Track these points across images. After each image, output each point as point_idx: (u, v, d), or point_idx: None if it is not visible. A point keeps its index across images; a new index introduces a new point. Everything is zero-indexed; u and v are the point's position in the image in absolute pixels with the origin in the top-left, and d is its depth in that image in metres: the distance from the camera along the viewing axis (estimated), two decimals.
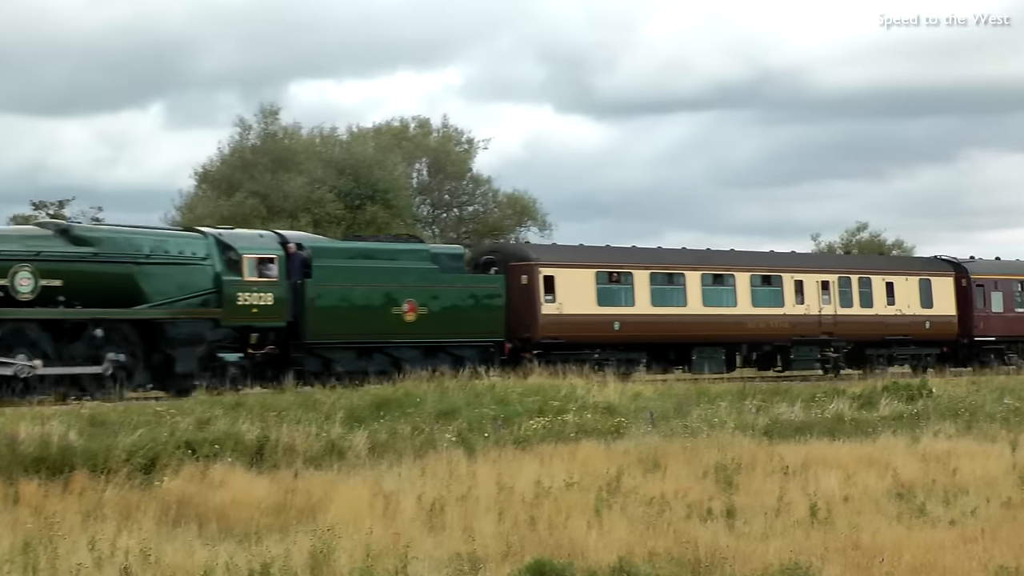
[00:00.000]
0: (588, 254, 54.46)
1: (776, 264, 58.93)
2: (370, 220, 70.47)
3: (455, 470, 27.20)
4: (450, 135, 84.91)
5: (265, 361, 42.80)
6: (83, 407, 32.38)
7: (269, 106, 74.76)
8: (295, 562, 17.83)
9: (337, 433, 30.73)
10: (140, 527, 20.51)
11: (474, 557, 18.37)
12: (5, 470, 24.91)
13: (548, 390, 38.94)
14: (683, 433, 33.74)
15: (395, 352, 45.13)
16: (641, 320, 52.21)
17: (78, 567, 16.92)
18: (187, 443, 28.10)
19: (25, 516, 21.13)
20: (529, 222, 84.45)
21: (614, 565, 17.04)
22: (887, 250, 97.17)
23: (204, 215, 68.82)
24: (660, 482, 26.13)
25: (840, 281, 58.97)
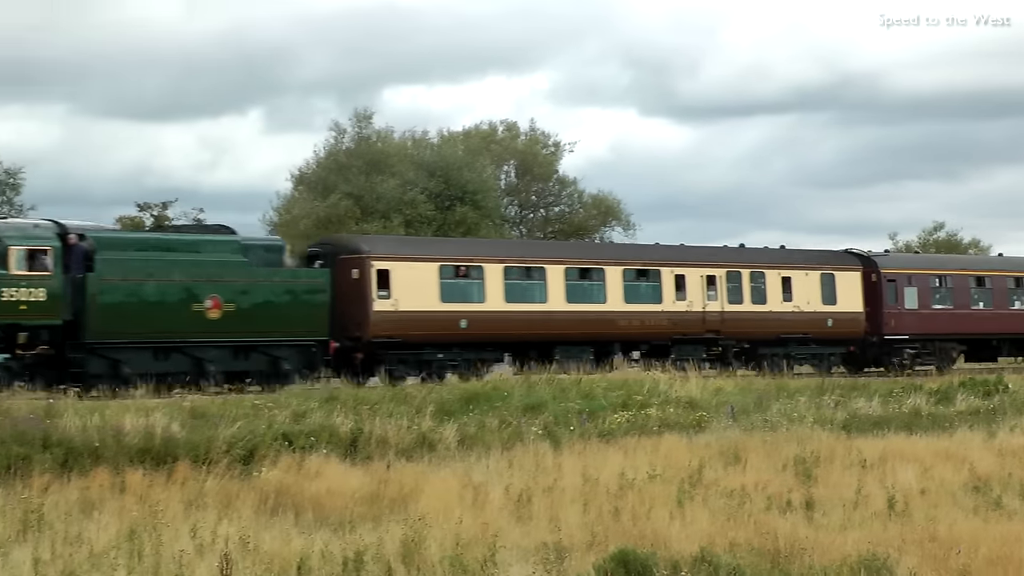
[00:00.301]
0: (431, 246, 51.40)
1: (654, 258, 53.38)
2: (460, 220, 70.65)
3: (541, 462, 27.22)
4: (537, 138, 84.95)
5: (38, 362, 38.24)
6: (184, 400, 32.67)
7: (363, 111, 75.20)
8: (387, 550, 17.91)
9: (428, 426, 30.83)
10: (239, 516, 20.68)
11: (560, 546, 18.36)
12: (112, 460, 25.22)
13: (632, 385, 38.90)
14: (763, 427, 33.58)
15: (197, 352, 40.58)
16: (492, 317, 47.52)
17: (180, 553, 17.07)
18: (284, 435, 28.32)
19: (131, 504, 21.36)
20: (613, 222, 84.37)
21: (696, 555, 16.99)
22: (963, 249, 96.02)
23: (300, 216, 69.31)
24: (740, 474, 26.03)
25: (729, 276, 53.83)
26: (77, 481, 23.50)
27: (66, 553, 17.39)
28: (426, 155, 75.42)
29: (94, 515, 20.62)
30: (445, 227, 69.37)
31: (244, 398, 34.31)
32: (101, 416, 28.32)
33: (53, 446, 25.69)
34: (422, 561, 17.40)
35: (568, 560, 17.52)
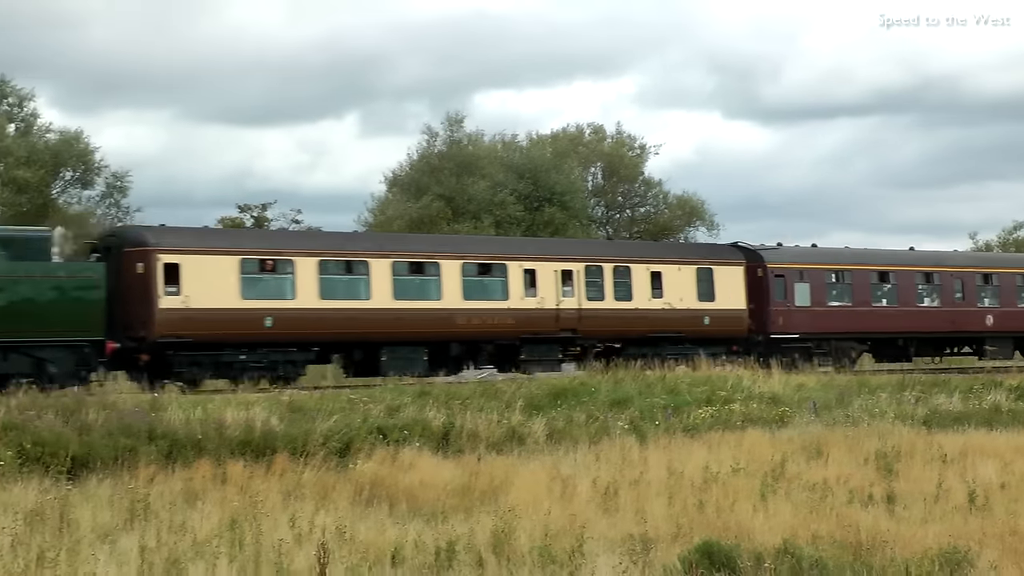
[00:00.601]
0: (230, 238, 46.52)
1: (498, 251, 48.60)
2: (548, 221, 70.67)
3: (628, 456, 27.17)
4: (623, 141, 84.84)
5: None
6: (283, 394, 32.90)
7: (454, 114, 75.51)
8: (478, 540, 17.94)
9: (517, 420, 30.88)
10: (336, 506, 20.80)
11: (646, 538, 18.32)
12: (214, 452, 25.46)
13: (716, 381, 38.77)
14: (845, 422, 33.36)
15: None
16: (304, 315, 42.77)
17: (279, 542, 17.18)
18: (379, 429, 28.47)
19: (232, 495, 21.54)
20: (697, 222, 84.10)
21: (779, 547, 16.89)
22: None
23: (394, 217, 69.60)
24: (823, 468, 25.85)
25: (588, 270, 48.74)
26: (181, 472, 23.74)
27: (171, 541, 17.56)
28: (515, 157, 75.53)
29: (197, 505, 20.82)
30: (534, 227, 69.45)
31: (340, 393, 34.50)
32: (204, 410, 28.61)
33: (158, 438, 25.98)
34: (512, 551, 17.41)
35: (654, 551, 17.46)
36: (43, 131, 67.36)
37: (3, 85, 66.62)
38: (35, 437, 24.83)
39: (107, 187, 68.03)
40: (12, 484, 22.08)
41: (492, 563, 16.92)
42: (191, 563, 16.21)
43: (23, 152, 63.42)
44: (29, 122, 67.21)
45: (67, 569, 15.35)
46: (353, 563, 16.51)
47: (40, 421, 25.98)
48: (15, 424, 25.46)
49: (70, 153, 66.33)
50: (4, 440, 24.58)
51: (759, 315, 52.00)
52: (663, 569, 16.11)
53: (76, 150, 66.58)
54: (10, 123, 66.34)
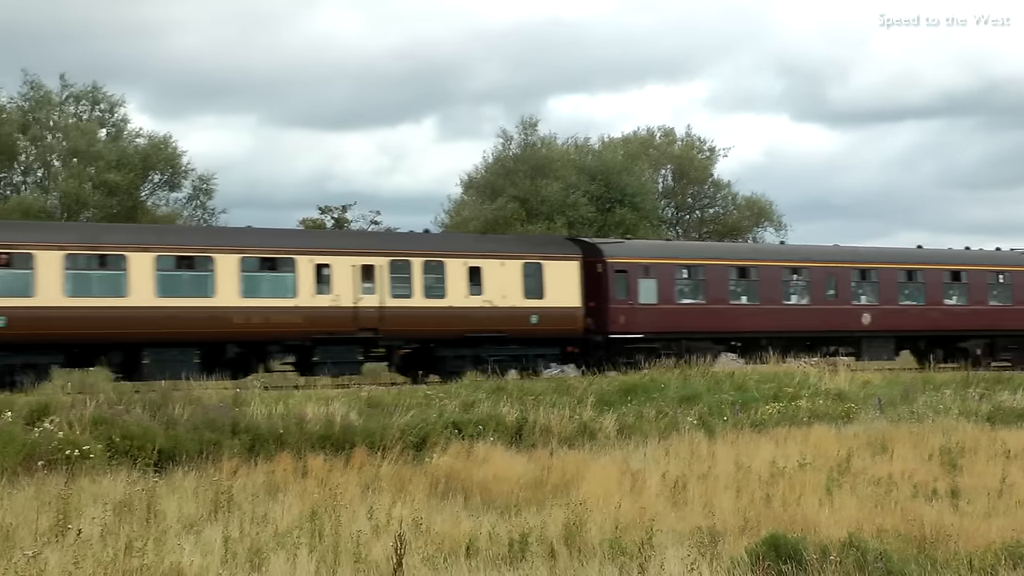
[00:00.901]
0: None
1: (285, 244, 43.31)
2: (619, 222, 70.59)
3: (696, 450, 27.07)
4: (693, 143, 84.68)
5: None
6: (361, 390, 33.02)
7: (529, 119, 75.72)
8: (550, 532, 17.91)
9: (588, 416, 30.83)
10: (412, 499, 20.83)
11: (714, 531, 18.23)
12: (295, 446, 25.59)
13: (783, 378, 38.56)
14: (909, 418, 33.11)
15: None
16: (45, 315, 37.77)
17: (358, 534, 17.23)
18: (454, 423, 28.52)
19: (312, 487, 21.63)
20: (765, 222, 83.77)
21: (844, 540, 16.75)
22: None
23: (470, 218, 69.80)
24: (887, 464, 25.64)
25: (392, 265, 43.73)
26: (263, 465, 23.87)
27: (253, 532, 17.66)
28: (587, 160, 75.55)
29: (278, 497, 20.92)
30: (605, 228, 69.39)
31: (417, 389, 34.59)
32: (285, 405, 28.77)
33: (241, 433, 26.16)
34: (583, 543, 17.38)
35: (722, 544, 17.38)
36: (133, 136, 68.12)
37: (95, 92, 67.41)
38: (124, 431, 25.07)
39: (193, 189, 68.76)
40: (102, 476, 22.30)
41: (564, 555, 16.89)
42: (272, 553, 16.29)
43: (114, 156, 64.14)
44: (120, 127, 68.06)
45: (154, 558, 15.46)
46: (429, 554, 16.54)
47: (128, 415, 26.22)
48: (105, 418, 25.70)
49: (158, 157, 67.05)
50: (94, 433, 24.83)
51: (599, 313, 47.05)
52: (731, 561, 16.02)
53: (164, 154, 67.29)
54: (101, 128, 67.09)
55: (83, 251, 39.41)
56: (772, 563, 15.62)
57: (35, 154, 66.15)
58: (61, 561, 14.86)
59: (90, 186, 63.00)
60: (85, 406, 26.39)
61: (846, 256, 54.09)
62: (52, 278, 38.27)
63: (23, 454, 23.16)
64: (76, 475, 21.86)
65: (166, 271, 40.20)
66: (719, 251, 53.51)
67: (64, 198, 63.27)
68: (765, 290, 50.83)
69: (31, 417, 25.76)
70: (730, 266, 50.41)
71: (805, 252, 53.87)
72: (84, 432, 24.81)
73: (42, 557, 14.67)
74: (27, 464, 22.70)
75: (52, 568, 14.49)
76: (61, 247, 38.83)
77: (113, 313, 38.96)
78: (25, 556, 14.56)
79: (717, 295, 49.64)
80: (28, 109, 65.49)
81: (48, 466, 22.34)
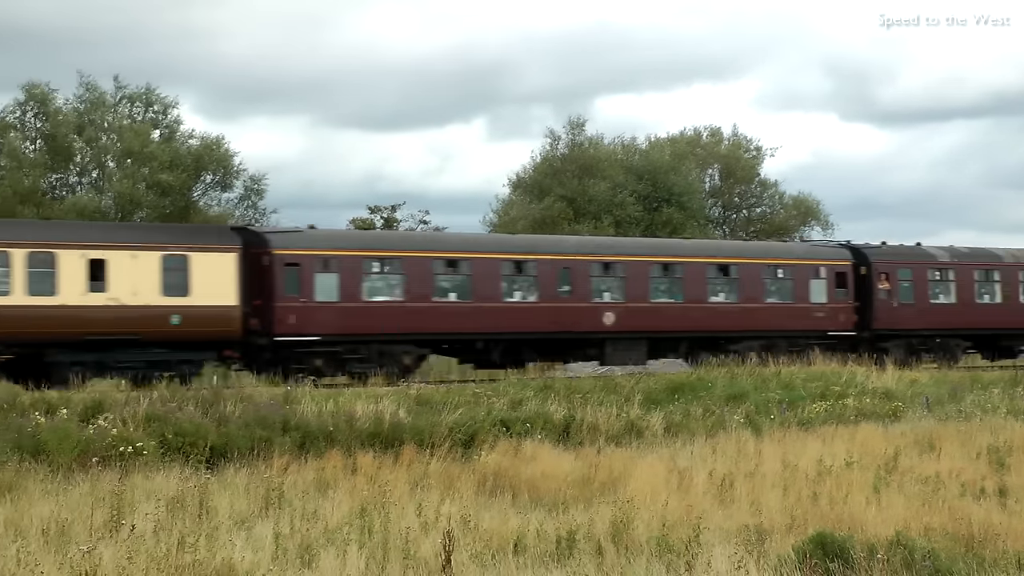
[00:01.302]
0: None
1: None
2: (666, 221, 70.46)
3: (743, 449, 26.98)
4: (739, 143, 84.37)
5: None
6: (410, 388, 33.06)
7: (576, 119, 75.72)
8: (598, 530, 17.90)
9: (636, 414, 30.79)
10: (460, 496, 20.85)
11: (761, 529, 18.18)
12: (344, 443, 25.67)
13: (830, 376, 38.40)
14: (957, 417, 32.89)
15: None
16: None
17: (407, 530, 17.27)
18: (502, 421, 28.55)
19: (361, 484, 21.68)
20: (812, 222, 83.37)
21: (891, 539, 16.65)
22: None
23: (518, 217, 69.81)
24: (935, 462, 25.47)
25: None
26: (313, 462, 23.96)
27: (303, 528, 17.72)
28: (635, 160, 75.49)
29: (328, 494, 21.00)
30: (652, 227, 69.27)
31: (466, 387, 34.62)
32: (335, 403, 28.85)
33: (292, 430, 26.26)
34: (630, 541, 17.35)
35: (768, 542, 17.33)
36: (185, 137, 68.45)
37: (149, 93, 67.77)
38: (176, 428, 25.22)
39: (245, 190, 68.99)
40: (155, 473, 22.45)
41: (611, 552, 16.87)
42: (323, 549, 16.34)
43: (167, 157, 64.46)
44: (173, 128, 68.32)
45: (206, 554, 15.54)
46: (477, 551, 16.55)
47: (181, 413, 26.37)
48: (158, 416, 25.86)
49: (211, 158, 67.33)
50: (147, 431, 24.99)
51: (264, 313, 40.84)
52: (778, 559, 15.96)
53: (216, 155, 67.57)
54: (155, 129, 67.47)
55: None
56: (819, 561, 15.55)
57: (90, 155, 66.58)
58: (115, 556, 14.95)
59: (143, 187, 63.38)
60: (139, 403, 26.57)
61: (586, 247, 47.54)
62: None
63: (78, 451, 23.37)
64: (130, 472, 22.03)
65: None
66: (421, 242, 47.27)
67: (118, 199, 63.67)
68: (480, 286, 43.89)
69: (85, 414, 25.96)
70: (435, 259, 43.87)
71: (531, 243, 47.52)
72: (137, 429, 24.98)
73: (96, 552, 14.76)
74: (82, 460, 22.89)
75: (106, 563, 14.58)
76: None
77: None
78: (80, 551, 14.67)
79: (419, 292, 43.14)
80: (84, 111, 65.95)
81: (102, 463, 22.51)
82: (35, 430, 24.19)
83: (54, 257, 37.46)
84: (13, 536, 16.74)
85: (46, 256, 37.40)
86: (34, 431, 24.14)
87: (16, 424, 24.71)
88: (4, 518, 18.08)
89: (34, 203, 60.68)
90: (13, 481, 21.16)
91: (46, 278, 37.37)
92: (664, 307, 46.92)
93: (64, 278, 37.52)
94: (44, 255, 37.40)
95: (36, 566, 14.28)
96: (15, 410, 25.99)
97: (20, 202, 59.71)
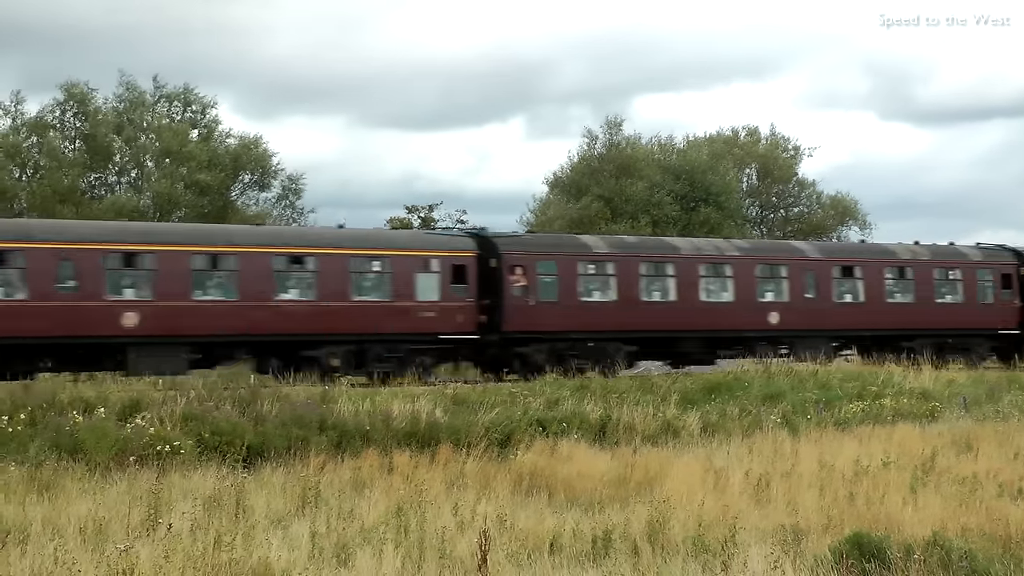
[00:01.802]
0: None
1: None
2: (703, 221, 70.33)
3: (780, 448, 26.88)
4: (777, 142, 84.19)
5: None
6: (447, 387, 33.08)
7: (614, 118, 75.70)
8: (634, 530, 17.87)
9: (672, 414, 30.72)
10: (496, 495, 20.84)
11: (797, 529, 18.12)
12: (381, 442, 25.70)
13: (867, 376, 38.25)
14: (995, 417, 32.70)
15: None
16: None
17: (443, 530, 17.29)
18: (538, 421, 28.52)
19: (398, 483, 21.70)
20: (850, 221, 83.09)
21: (928, 539, 16.56)
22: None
23: (555, 217, 69.82)
24: (972, 463, 25.31)
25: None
26: (349, 461, 23.99)
27: (340, 527, 17.75)
28: (672, 159, 75.42)
29: (365, 493, 21.03)
30: (690, 227, 69.16)
31: (502, 386, 34.62)
32: (372, 402, 28.90)
33: (328, 429, 26.31)
34: (666, 540, 17.31)
35: (805, 542, 17.27)
36: (223, 136, 68.71)
37: (187, 93, 68.08)
38: (213, 427, 25.30)
39: (283, 189, 69.19)
40: (192, 471, 22.52)
41: (647, 552, 16.83)
42: (359, 548, 16.36)
43: (205, 157, 64.72)
44: (211, 128, 68.59)
45: (242, 553, 15.57)
46: (513, 550, 16.55)
47: (218, 412, 26.45)
48: (195, 415, 25.95)
49: (248, 157, 67.58)
50: (185, 430, 25.07)
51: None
52: (814, 559, 15.89)
53: (254, 154, 67.82)
54: (193, 129, 67.76)
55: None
56: (856, 561, 15.49)
57: (129, 155, 66.91)
58: (152, 555, 15.01)
59: (182, 186, 63.65)
60: (176, 402, 26.67)
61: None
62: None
63: (116, 449, 23.46)
64: (167, 470, 22.11)
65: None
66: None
67: (157, 198, 63.97)
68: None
69: (123, 413, 26.06)
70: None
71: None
72: (175, 428, 25.07)
73: (134, 551, 14.83)
74: (119, 459, 22.98)
75: (143, 561, 14.64)
76: None
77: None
78: (117, 549, 14.74)
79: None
80: (123, 110, 66.27)
81: (139, 461, 22.60)
82: (73, 429, 24.31)
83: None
84: (51, 535, 16.82)
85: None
86: (72, 430, 24.26)
87: (55, 423, 24.83)
88: (42, 516, 18.16)
89: (73, 202, 61.01)
90: (51, 480, 21.26)
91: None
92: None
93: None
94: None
95: (73, 565, 14.35)
96: (54, 408, 26.10)
97: (59, 201, 60.06)
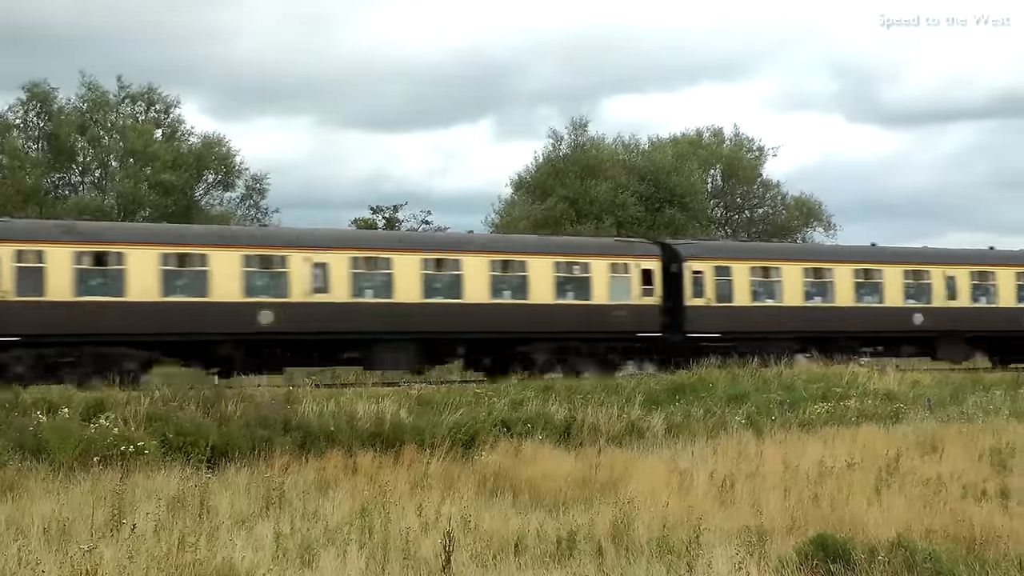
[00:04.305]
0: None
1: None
2: (668, 222, 70.44)
3: (744, 450, 26.95)
4: (742, 143, 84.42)
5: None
6: (412, 388, 33.04)
7: (579, 119, 75.74)
8: (598, 530, 17.88)
9: (636, 415, 30.77)
10: (461, 496, 20.83)
11: (761, 530, 18.16)
12: (345, 443, 25.65)
13: (832, 377, 38.35)
14: (959, 419, 32.85)
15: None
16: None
17: (407, 530, 17.26)
18: (503, 422, 28.52)
19: (362, 484, 21.66)
20: (815, 223, 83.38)
21: (893, 540, 16.64)
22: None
23: (519, 218, 69.79)
24: (937, 464, 25.45)
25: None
26: (314, 462, 23.93)
27: (304, 528, 17.71)
28: (637, 160, 75.49)
29: (329, 494, 20.99)
30: (654, 228, 69.27)
31: (467, 387, 34.59)
32: (336, 403, 28.82)
33: (293, 430, 26.25)
34: (630, 542, 17.34)
35: (770, 543, 17.32)
36: (186, 135, 68.47)
37: (151, 93, 67.84)
38: (177, 427, 25.20)
39: (247, 189, 69.01)
40: (156, 472, 22.42)
41: (611, 553, 16.86)
42: (323, 549, 16.33)
43: (169, 156, 64.48)
44: (174, 127, 68.36)
45: (206, 553, 15.51)
46: (478, 551, 16.54)
47: (182, 412, 26.35)
48: (159, 415, 25.84)
49: (212, 156, 67.35)
50: (149, 430, 24.97)
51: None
52: (779, 560, 15.95)
53: (217, 153, 67.57)
54: (157, 129, 67.51)
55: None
56: (820, 563, 15.55)
57: (93, 155, 66.61)
58: (116, 555, 14.94)
59: (146, 186, 63.38)
60: (140, 403, 26.56)
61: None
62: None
63: (79, 450, 23.33)
64: (131, 471, 22.00)
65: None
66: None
67: (120, 198, 63.69)
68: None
69: (87, 413, 25.93)
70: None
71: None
72: (139, 428, 24.97)
73: (97, 551, 14.75)
74: (83, 460, 22.86)
75: (107, 562, 14.56)
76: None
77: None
78: (81, 550, 14.67)
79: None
80: (86, 110, 65.98)
81: (103, 462, 22.47)
82: (37, 429, 24.19)
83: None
84: (14, 535, 16.73)
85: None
86: (36, 430, 24.14)
87: (18, 423, 24.71)
88: (5, 517, 18.07)
89: (37, 202, 60.72)
90: (15, 480, 21.16)
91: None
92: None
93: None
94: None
95: (37, 565, 14.27)
96: (17, 409, 25.96)
97: (23, 201, 59.74)
